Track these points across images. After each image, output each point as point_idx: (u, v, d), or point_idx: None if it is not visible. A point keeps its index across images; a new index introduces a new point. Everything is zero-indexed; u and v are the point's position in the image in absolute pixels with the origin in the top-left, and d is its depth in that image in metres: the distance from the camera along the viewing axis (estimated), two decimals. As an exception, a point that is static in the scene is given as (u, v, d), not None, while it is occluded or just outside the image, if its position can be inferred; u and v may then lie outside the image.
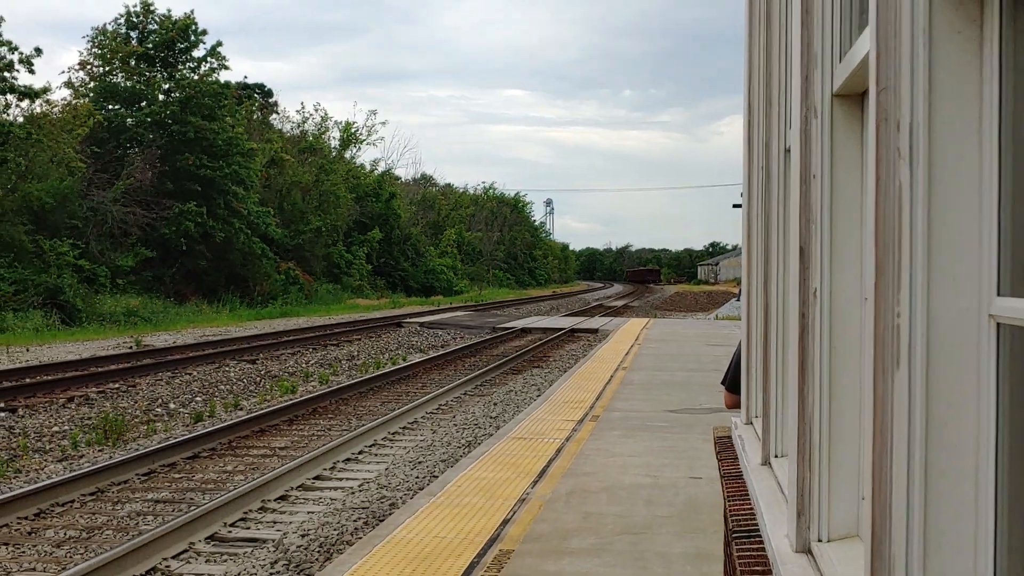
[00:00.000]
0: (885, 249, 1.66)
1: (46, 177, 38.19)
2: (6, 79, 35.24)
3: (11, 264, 33.83)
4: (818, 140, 2.58)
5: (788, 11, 3.60)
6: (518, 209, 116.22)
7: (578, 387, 16.48)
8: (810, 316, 2.62)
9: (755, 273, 4.41)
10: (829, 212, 2.55)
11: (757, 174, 4.54)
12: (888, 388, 1.63)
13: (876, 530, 1.69)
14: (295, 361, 23.98)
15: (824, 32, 2.57)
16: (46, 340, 28.28)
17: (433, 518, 7.95)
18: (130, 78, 46.02)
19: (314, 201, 57.84)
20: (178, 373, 20.62)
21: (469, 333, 34.00)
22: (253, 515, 9.57)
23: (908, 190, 1.57)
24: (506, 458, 10.40)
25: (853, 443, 2.57)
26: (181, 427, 14.79)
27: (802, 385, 2.67)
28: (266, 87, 67.01)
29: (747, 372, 4.61)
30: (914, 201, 1.56)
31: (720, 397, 15.29)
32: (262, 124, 60.28)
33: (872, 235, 1.72)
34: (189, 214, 43.74)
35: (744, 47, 4.72)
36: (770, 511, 3.14)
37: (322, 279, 57.12)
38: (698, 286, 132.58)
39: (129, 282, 40.55)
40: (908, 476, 1.57)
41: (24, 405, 15.87)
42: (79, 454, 12.63)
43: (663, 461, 10.37)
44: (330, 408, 16.62)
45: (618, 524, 7.84)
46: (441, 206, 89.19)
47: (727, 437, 4.80)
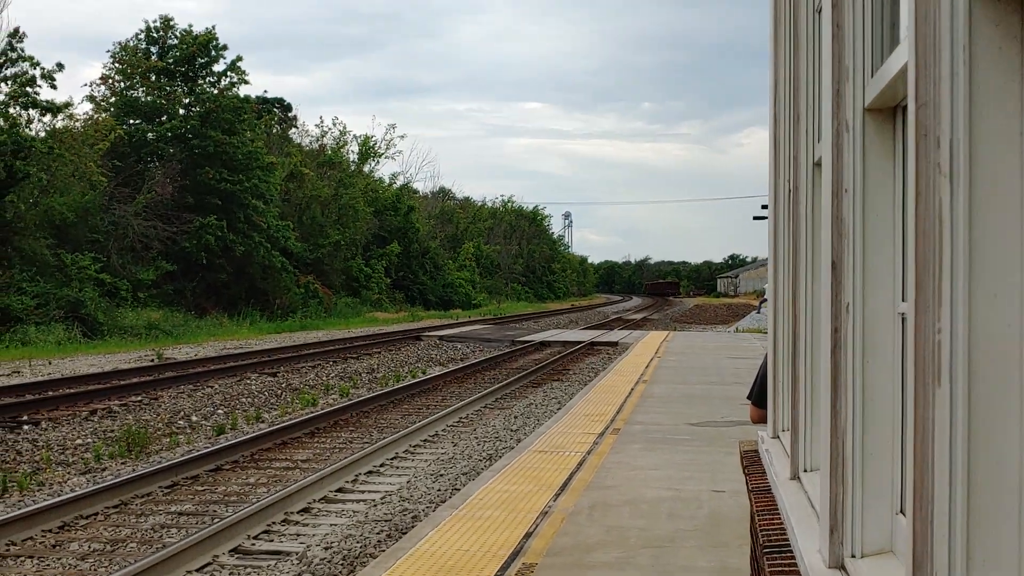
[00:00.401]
0: (925, 265, 1.66)
1: (68, 191, 38.47)
2: (28, 94, 35.52)
3: (33, 278, 34.05)
4: (850, 154, 2.58)
5: (817, 25, 3.60)
6: (536, 222, 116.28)
7: (598, 400, 16.46)
8: (843, 331, 2.61)
9: (783, 287, 4.41)
10: (861, 226, 2.55)
11: (784, 187, 4.54)
12: (929, 404, 1.63)
13: (918, 548, 1.68)
14: (315, 374, 24.03)
15: (855, 46, 2.57)
16: (68, 353, 28.44)
17: (456, 531, 7.95)
18: (151, 93, 46.34)
19: (333, 215, 58.02)
20: (200, 386, 20.70)
21: (488, 346, 34.01)
22: (276, 528, 9.59)
23: (948, 206, 1.57)
24: (527, 471, 10.39)
25: (886, 458, 2.56)
26: (203, 440, 14.84)
27: (834, 399, 2.66)
28: (285, 101, 67.37)
29: (774, 386, 4.60)
30: (955, 217, 1.56)
31: (742, 410, 15.24)
32: (281, 138, 60.56)
33: (912, 251, 1.72)
34: (209, 228, 43.97)
35: (770, 61, 4.72)
36: (801, 526, 3.13)
37: (341, 292, 57.26)
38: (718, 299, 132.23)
39: (150, 295, 40.76)
40: (950, 493, 1.57)
41: (47, 418, 15.95)
42: (102, 467, 12.69)
43: (685, 474, 10.34)
44: (351, 421, 16.65)
45: (641, 537, 7.82)
46: (459, 219, 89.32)
47: (754, 451, 4.79)
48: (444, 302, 70.58)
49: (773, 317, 4.67)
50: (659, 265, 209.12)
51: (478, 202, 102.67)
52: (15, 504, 10.49)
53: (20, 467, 12.53)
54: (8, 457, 13.16)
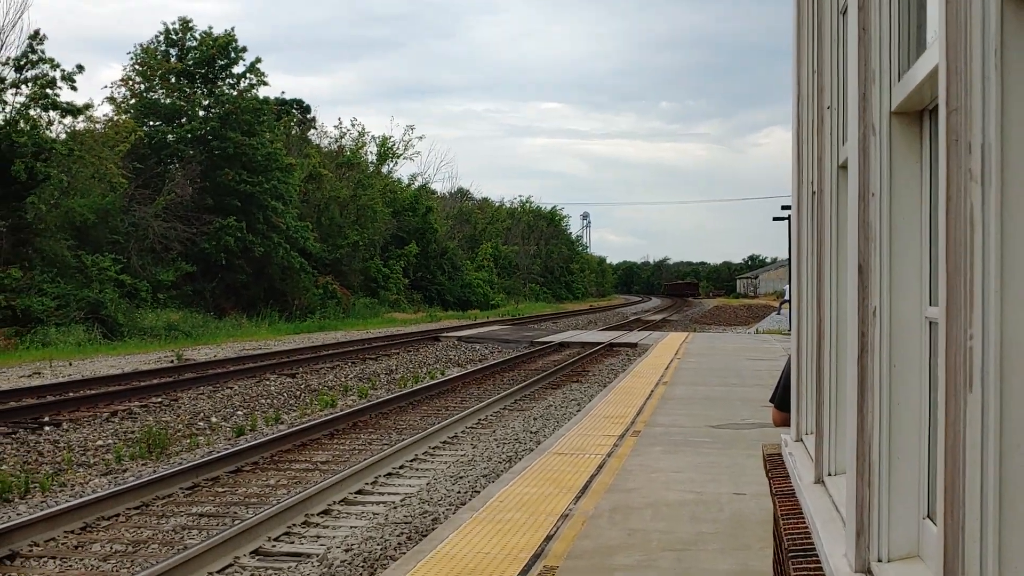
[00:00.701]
0: (956, 271, 1.66)
1: (88, 193, 38.69)
2: (48, 96, 35.72)
3: (54, 279, 34.25)
4: (876, 158, 2.57)
5: (842, 27, 3.59)
6: (555, 222, 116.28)
7: (618, 402, 16.44)
8: (869, 335, 2.60)
9: (807, 290, 4.39)
10: (888, 230, 2.54)
11: (807, 189, 4.53)
12: (960, 410, 1.62)
13: (948, 554, 1.68)
14: (334, 375, 24.09)
15: (882, 50, 2.56)
16: (88, 354, 28.59)
17: (476, 533, 7.95)
18: (171, 95, 46.57)
19: (351, 216, 58.18)
20: (219, 387, 20.77)
21: (507, 347, 34.01)
22: (297, 529, 9.62)
23: (980, 211, 1.56)
24: (547, 473, 10.38)
25: (913, 462, 2.55)
26: (223, 441, 14.90)
27: (861, 403, 2.66)
28: (304, 103, 67.59)
29: (798, 389, 4.59)
30: (986, 222, 1.55)
31: (763, 413, 15.19)
32: (300, 139, 60.77)
33: (942, 256, 1.71)
34: (229, 229, 44.15)
35: (792, 62, 4.71)
36: (826, 530, 3.12)
37: (359, 293, 57.40)
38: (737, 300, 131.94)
39: (170, 296, 40.94)
40: (982, 498, 1.56)
41: (68, 419, 16.04)
42: (123, 468, 12.75)
43: (706, 477, 10.32)
44: (370, 422, 16.68)
45: (663, 540, 7.81)
46: (477, 220, 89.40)
47: (777, 454, 4.77)
48: (462, 303, 70.65)
49: (797, 321, 4.65)
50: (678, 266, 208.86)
51: (496, 202, 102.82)
52: (37, 505, 10.55)
53: (42, 468, 12.61)
54: (30, 458, 13.24)
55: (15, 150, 33.48)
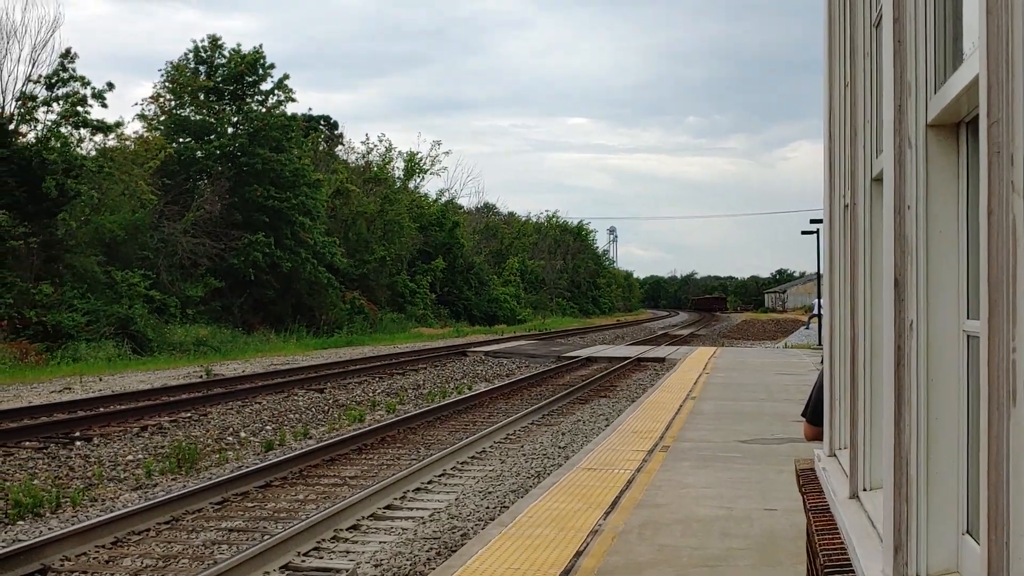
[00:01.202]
0: (997, 284, 1.64)
1: (118, 209, 39.02)
2: (79, 113, 36.08)
3: (84, 295, 34.53)
4: (912, 170, 2.55)
5: (875, 40, 3.57)
6: (581, 237, 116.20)
7: (646, 417, 16.38)
8: (906, 348, 2.58)
9: (839, 303, 4.37)
10: (925, 243, 2.52)
11: (839, 203, 4.51)
12: (1003, 425, 1.61)
13: (992, 569, 1.66)
14: (362, 390, 24.13)
15: (918, 62, 2.55)
16: (118, 370, 28.78)
17: (505, 549, 7.93)
18: (200, 111, 46.93)
19: (379, 231, 58.37)
20: (248, 402, 20.85)
21: (534, 362, 33.98)
22: (326, 545, 9.62)
23: (1023, 223, 1.55)
24: (576, 489, 10.35)
25: (951, 477, 2.53)
26: (252, 456, 14.95)
27: (898, 417, 2.63)
28: (331, 119, 68.02)
29: (831, 404, 4.56)
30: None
31: (793, 428, 15.10)
32: (327, 155, 61.09)
33: (984, 269, 1.70)
34: (257, 244, 44.39)
35: (824, 76, 4.69)
36: (862, 546, 3.09)
37: (386, 308, 57.54)
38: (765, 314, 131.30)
39: (198, 312, 41.18)
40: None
41: (99, 434, 16.14)
42: (153, 482, 12.81)
43: (737, 492, 10.25)
44: (398, 437, 16.69)
45: (693, 556, 7.76)
46: (504, 235, 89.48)
47: (810, 469, 4.74)
48: (489, 317, 70.67)
49: (830, 334, 4.62)
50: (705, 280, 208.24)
51: (522, 217, 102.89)
52: (69, 519, 10.61)
53: (73, 483, 12.69)
54: (61, 473, 13.33)
55: (46, 167, 33.83)
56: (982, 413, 1.73)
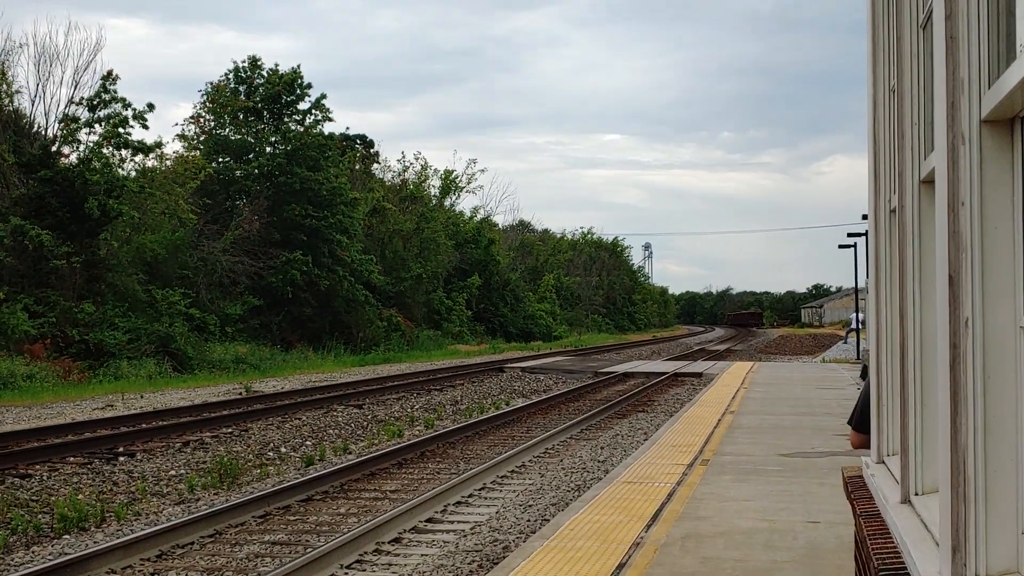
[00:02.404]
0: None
1: (159, 229, 39.42)
2: (120, 135, 36.50)
3: (125, 313, 34.87)
4: (966, 167, 2.54)
5: (923, 42, 3.56)
6: (616, 253, 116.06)
7: (685, 431, 16.30)
8: (962, 346, 2.56)
9: (886, 307, 4.34)
10: (980, 240, 2.51)
11: (884, 207, 4.49)
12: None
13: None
14: (400, 406, 24.19)
15: (971, 58, 2.54)
16: (159, 387, 29.03)
17: (548, 561, 7.91)
18: (239, 131, 47.36)
19: (415, 248, 58.58)
20: (288, 418, 20.96)
21: (571, 378, 33.93)
22: (368, 557, 9.64)
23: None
24: (617, 502, 10.31)
25: (1011, 475, 2.50)
26: (293, 471, 15.01)
27: (954, 417, 2.61)
28: (368, 137, 68.30)
29: (878, 410, 4.53)
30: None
31: (834, 441, 15.00)
32: (364, 174, 61.40)
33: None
34: (295, 263, 44.66)
35: (867, 83, 4.68)
36: (918, 549, 3.06)
37: (423, 325, 57.67)
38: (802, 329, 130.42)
39: (237, 330, 41.46)
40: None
41: (142, 450, 16.28)
42: (195, 497, 12.89)
43: (779, 505, 10.18)
44: (437, 452, 16.71)
45: (737, 568, 7.71)
46: (539, 252, 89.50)
47: (858, 476, 4.70)
48: (525, 334, 70.66)
49: (876, 340, 4.59)
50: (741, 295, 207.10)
51: (557, 234, 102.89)
52: (114, 533, 10.70)
53: (117, 497, 12.80)
54: (105, 488, 13.45)
55: (88, 188, 34.25)
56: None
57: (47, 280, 33.21)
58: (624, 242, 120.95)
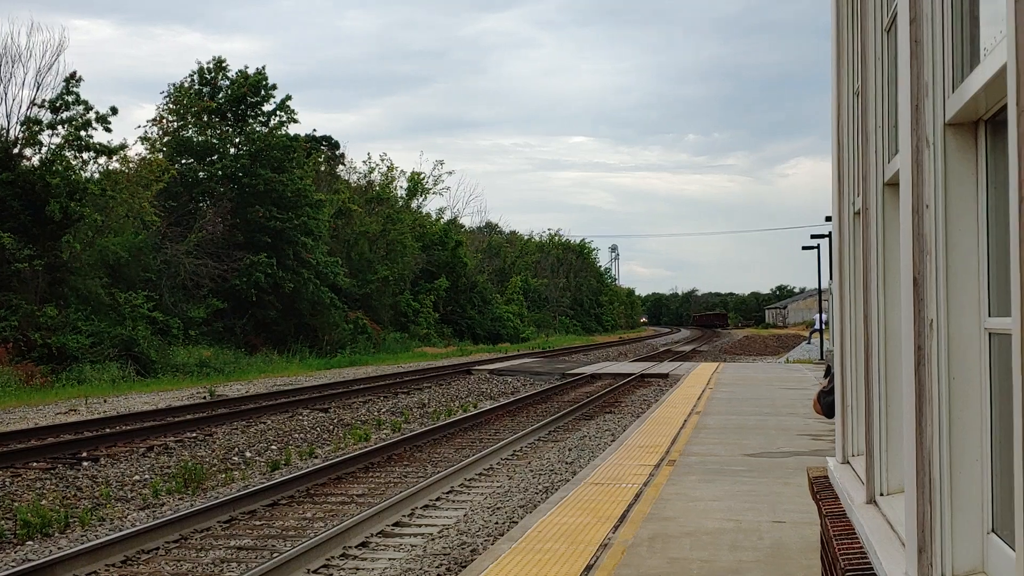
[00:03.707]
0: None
1: (121, 231, 39.04)
2: (83, 137, 36.14)
3: (88, 317, 34.52)
4: (931, 170, 2.56)
5: (887, 45, 3.59)
6: (583, 255, 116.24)
7: (652, 432, 16.35)
8: (927, 348, 2.58)
9: (850, 309, 4.37)
10: (944, 242, 2.53)
11: (848, 210, 4.51)
12: (1037, 413, 1.61)
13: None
14: (367, 409, 24.09)
15: (935, 62, 2.56)
16: (122, 391, 28.76)
17: (516, 564, 7.91)
18: (203, 133, 47.03)
19: (381, 250, 58.39)
20: (253, 422, 20.82)
21: (539, 380, 33.94)
22: (335, 562, 9.60)
23: (1054, 212, 1.55)
24: (585, 503, 10.33)
25: (976, 476, 2.52)
26: (258, 475, 14.92)
27: (919, 418, 2.63)
28: (332, 139, 68.06)
29: (843, 411, 4.55)
30: (1061, 223, 1.54)
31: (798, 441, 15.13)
32: (330, 175, 61.14)
33: (1016, 261, 1.70)
34: (259, 265, 44.38)
35: (832, 87, 4.70)
36: (884, 549, 3.08)
37: (389, 328, 57.49)
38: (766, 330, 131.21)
39: (201, 333, 41.15)
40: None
41: (106, 455, 16.12)
42: (160, 502, 12.79)
43: (744, 505, 10.23)
44: (404, 455, 16.66)
45: (704, 569, 7.73)
46: (507, 254, 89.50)
47: (823, 477, 4.73)
48: (492, 336, 70.62)
49: (840, 342, 4.62)
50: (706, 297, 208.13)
51: (525, 236, 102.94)
52: (78, 539, 10.59)
53: (81, 503, 12.67)
54: (69, 493, 13.31)
55: (50, 190, 33.89)
56: (1015, 405, 1.72)
57: (8, 283, 32.83)
58: (591, 244, 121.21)
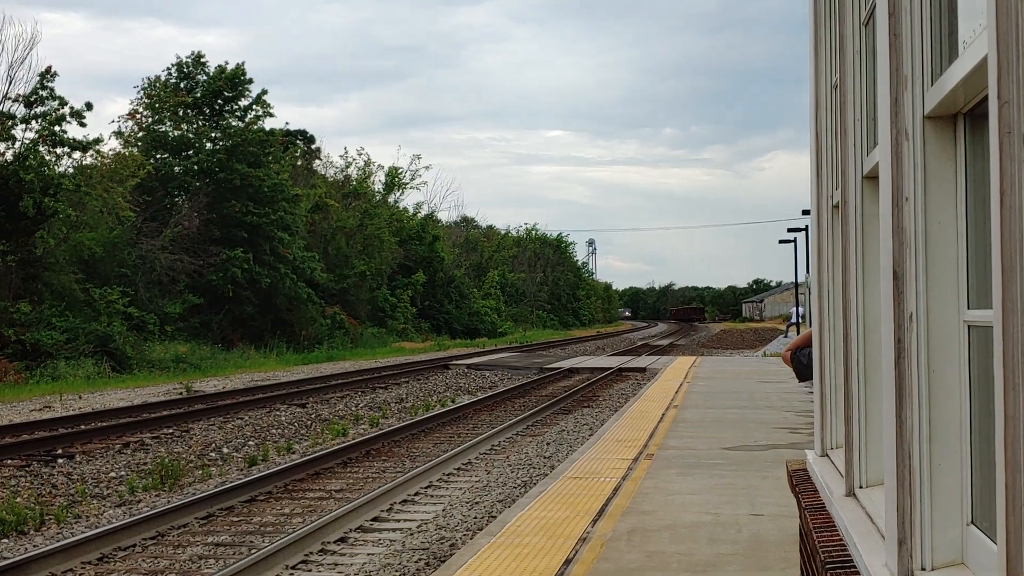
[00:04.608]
0: (1011, 264, 1.64)
1: (96, 227, 38.77)
2: (56, 133, 35.85)
3: (63, 313, 34.28)
4: (910, 162, 2.56)
5: (865, 39, 3.59)
6: (561, 249, 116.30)
7: (630, 426, 16.38)
8: (906, 341, 2.59)
9: (829, 302, 4.38)
10: (923, 234, 2.53)
11: (827, 203, 4.52)
12: (1020, 404, 1.61)
13: (1012, 550, 1.66)
14: (344, 404, 24.04)
15: (914, 55, 2.56)
16: (98, 388, 28.57)
17: (495, 558, 7.90)
18: (178, 127, 46.76)
19: (358, 245, 58.24)
20: (230, 418, 20.74)
21: (516, 374, 33.95)
22: (314, 558, 9.57)
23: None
24: (563, 497, 10.33)
25: (955, 468, 2.53)
26: (236, 471, 14.86)
27: (899, 410, 2.64)
28: (308, 133, 67.80)
29: (821, 404, 4.57)
30: (1042, 214, 1.54)
31: (776, 434, 15.19)
32: (306, 170, 60.91)
33: (996, 250, 1.70)
34: (236, 260, 44.19)
35: (810, 81, 4.71)
36: (863, 542, 3.09)
37: (367, 323, 57.37)
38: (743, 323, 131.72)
39: (177, 329, 40.95)
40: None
41: (81, 451, 16.02)
42: (136, 499, 12.71)
43: (723, 499, 10.26)
44: (383, 450, 16.63)
45: (683, 562, 7.75)
46: (484, 248, 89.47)
47: (802, 470, 4.75)
48: (470, 331, 70.59)
49: (819, 335, 4.63)
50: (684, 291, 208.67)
51: (502, 230, 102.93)
52: (53, 536, 10.52)
53: (56, 500, 12.58)
54: (44, 490, 13.21)
55: (24, 186, 33.61)
56: (996, 394, 1.73)
57: (-19, 280, 32.57)
58: (568, 238, 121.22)
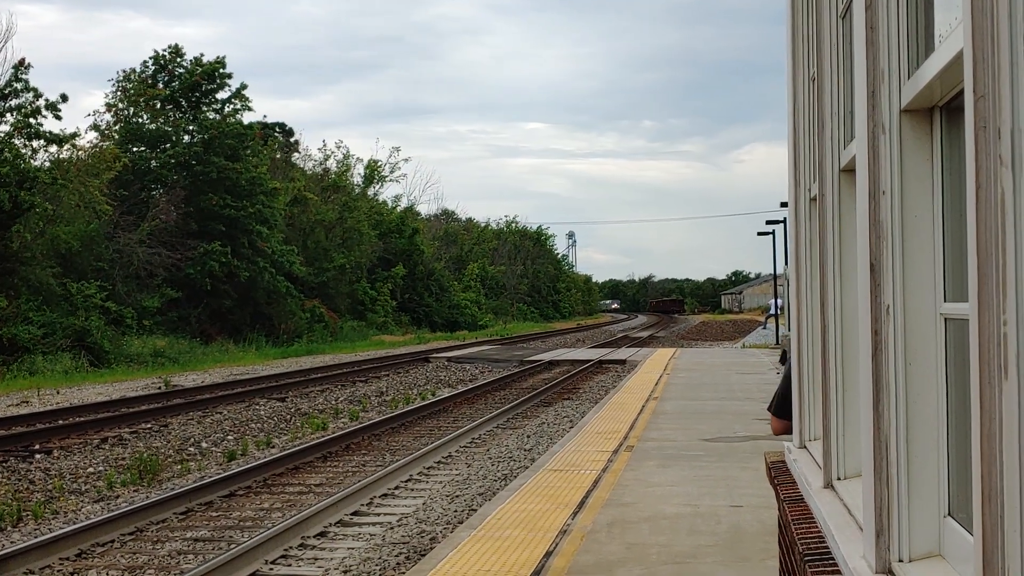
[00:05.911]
0: (986, 258, 1.65)
1: (73, 221, 38.51)
2: (32, 125, 35.60)
3: (39, 307, 34.06)
4: (887, 156, 2.57)
5: (842, 31, 3.60)
6: (541, 242, 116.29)
7: (610, 418, 16.41)
8: (883, 333, 2.59)
9: (807, 294, 4.39)
10: (900, 228, 2.54)
11: (805, 195, 4.53)
12: (996, 397, 1.61)
13: (987, 544, 1.66)
14: (324, 398, 23.99)
15: (891, 48, 2.56)
16: (75, 382, 28.42)
17: (475, 551, 7.91)
18: (155, 120, 46.49)
19: (338, 239, 58.08)
20: (209, 412, 20.66)
21: (497, 367, 33.97)
22: (294, 552, 9.55)
23: (1012, 196, 1.55)
24: (544, 490, 10.35)
25: (932, 460, 2.54)
26: (215, 466, 14.81)
27: (876, 402, 2.64)
28: (286, 126, 67.51)
29: (800, 396, 4.58)
30: (1018, 207, 1.55)
31: (755, 425, 15.19)
32: (285, 163, 60.67)
33: (972, 244, 1.70)
34: (214, 254, 43.99)
35: (787, 73, 4.72)
36: (842, 534, 3.10)
37: (347, 316, 57.25)
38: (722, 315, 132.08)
39: (155, 323, 40.73)
40: (1021, 487, 1.55)
41: (59, 447, 15.92)
42: (115, 494, 12.66)
43: (702, 490, 10.30)
44: (363, 444, 16.61)
45: (662, 554, 7.78)
46: (464, 241, 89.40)
47: (781, 462, 4.76)
48: (450, 324, 70.55)
49: (797, 327, 4.64)
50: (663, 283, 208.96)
51: (482, 223, 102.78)
52: (31, 532, 10.46)
53: (34, 496, 12.51)
54: (21, 486, 13.13)
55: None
56: (972, 388, 1.73)
57: (-43, 274, 32.32)
58: (548, 231, 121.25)
